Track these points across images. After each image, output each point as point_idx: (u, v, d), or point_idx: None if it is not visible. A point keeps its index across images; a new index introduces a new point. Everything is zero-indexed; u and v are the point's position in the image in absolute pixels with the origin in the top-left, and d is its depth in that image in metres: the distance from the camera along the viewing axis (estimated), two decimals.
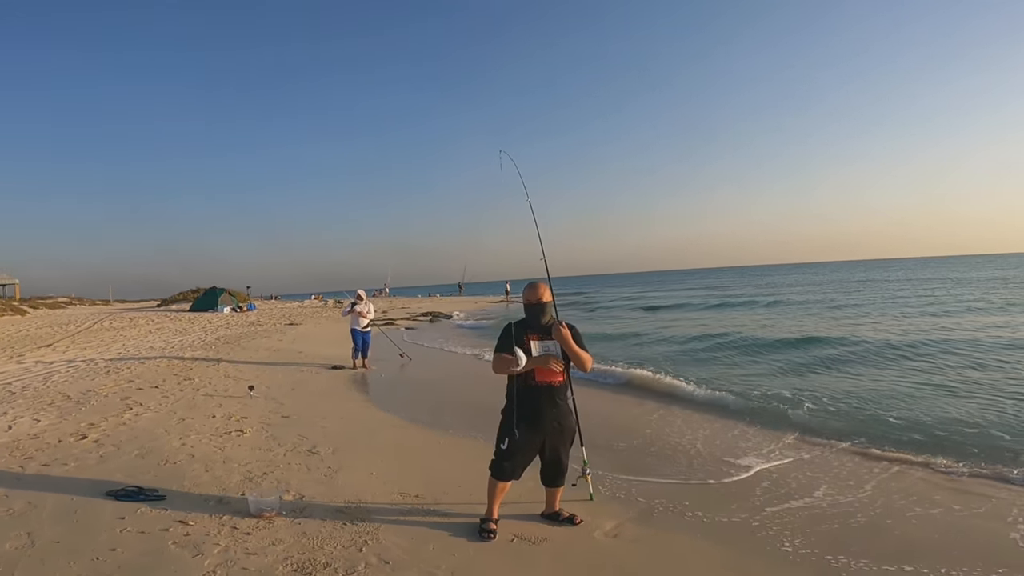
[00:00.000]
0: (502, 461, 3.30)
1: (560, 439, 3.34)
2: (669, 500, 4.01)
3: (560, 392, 3.33)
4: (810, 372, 9.40)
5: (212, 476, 4.35)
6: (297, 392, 8.06)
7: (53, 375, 9.30)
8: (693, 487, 4.30)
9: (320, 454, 5.07)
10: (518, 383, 3.25)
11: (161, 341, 15.71)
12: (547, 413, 3.24)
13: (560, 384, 3.32)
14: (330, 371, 10.07)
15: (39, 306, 39.84)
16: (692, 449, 5.29)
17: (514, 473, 3.31)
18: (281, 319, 24.00)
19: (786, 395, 7.37)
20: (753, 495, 4.09)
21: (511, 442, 3.25)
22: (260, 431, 5.81)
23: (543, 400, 3.24)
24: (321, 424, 6.16)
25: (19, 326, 21.59)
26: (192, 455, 4.87)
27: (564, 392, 3.37)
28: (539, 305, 3.33)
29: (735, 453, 5.13)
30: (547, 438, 3.29)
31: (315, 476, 4.47)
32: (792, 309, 22.47)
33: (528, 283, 3.40)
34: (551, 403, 3.26)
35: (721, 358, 11.40)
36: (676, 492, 4.17)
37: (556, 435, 3.31)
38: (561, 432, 3.33)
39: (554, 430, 3.29)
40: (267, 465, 4.70)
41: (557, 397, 3.30)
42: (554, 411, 3.27)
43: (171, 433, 5.57)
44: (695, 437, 5.69)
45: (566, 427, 3.36)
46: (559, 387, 3.31)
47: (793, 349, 11.79)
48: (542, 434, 3.28)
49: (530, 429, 3.25)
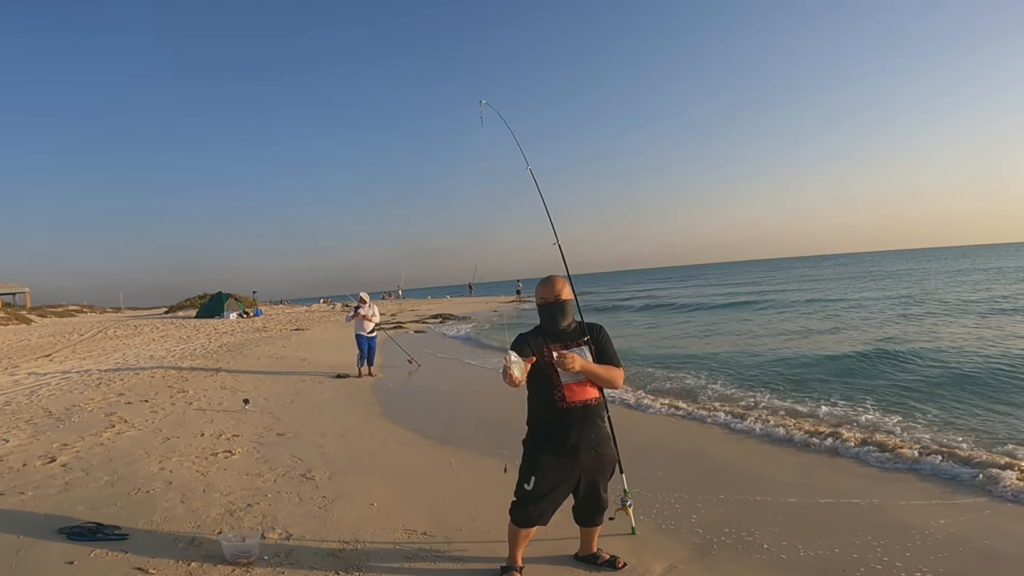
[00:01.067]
0: (527, 505, 2.67)
1: (600, 471, 2.74)
2: (733, 527, 3.40)
3: (599, 412, 2.73)
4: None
5: (188, 509, 3.83)
6: (296, 405, 7.56)
7: (41, 388, 8.92)
8: (764, 507, 3.67)
9: (315, 480, 4.53)
10: (545, 404, 2.65)
11: (163, 350, 15.39)
12: (584, 441, 2.63)
13: (598, 402, 2.72)
14: (334, 380, 9.57)
15: (48, 314, 40.17)
16: (752, 462, 4.65)
17: (541, 518, 2.70)
18: (287, 324, 23.68)
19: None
20: (852, 518, 3.45)
21: (539, 482, 2.63)
22: (251, 451, 5.29)
23: (578, 424, 2.62)
24: (319, 443, 5.63)
25: (22, 336, 21.51)
26: (170, 482, 4.36)
27: (603, 411, 2.78)
28: (557, 304, 2.70)
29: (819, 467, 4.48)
30: (584, 472, 2.69)
31: (307, 508, 3.93)
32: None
33: (542, 279, 2.79)
34: (589, 427, 2.65)
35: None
36: (741, 515, 3.55)
37: (595, 467, 2.71)
38: (601, 463, 2.73)
39: (592, 461, 2.68)
40: (253, 494, 4.17)
41: (596, 419, 2.70)
42: (593, 437, 2.66)
43: (151, 455, 5.07)
44: (751, 449, 5.05)
45: (606, 456, 2.75)
46: (597, 406, 2.70)
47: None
48: (578, 468, 2.66)
49: (563, 463, 2.64)
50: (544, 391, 2.63)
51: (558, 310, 2.70)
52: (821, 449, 5.08)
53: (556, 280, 2.75)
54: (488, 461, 5.03)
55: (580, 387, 2.64)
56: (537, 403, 2.69)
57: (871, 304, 20.09)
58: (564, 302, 2.72)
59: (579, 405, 2.62)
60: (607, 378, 2.68)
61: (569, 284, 2.83)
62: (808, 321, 16.69)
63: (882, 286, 29.53)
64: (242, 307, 31.13)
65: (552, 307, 2.71)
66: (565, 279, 2.83)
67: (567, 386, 2.62)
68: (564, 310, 2.72)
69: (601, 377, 2.65)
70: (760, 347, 12.11)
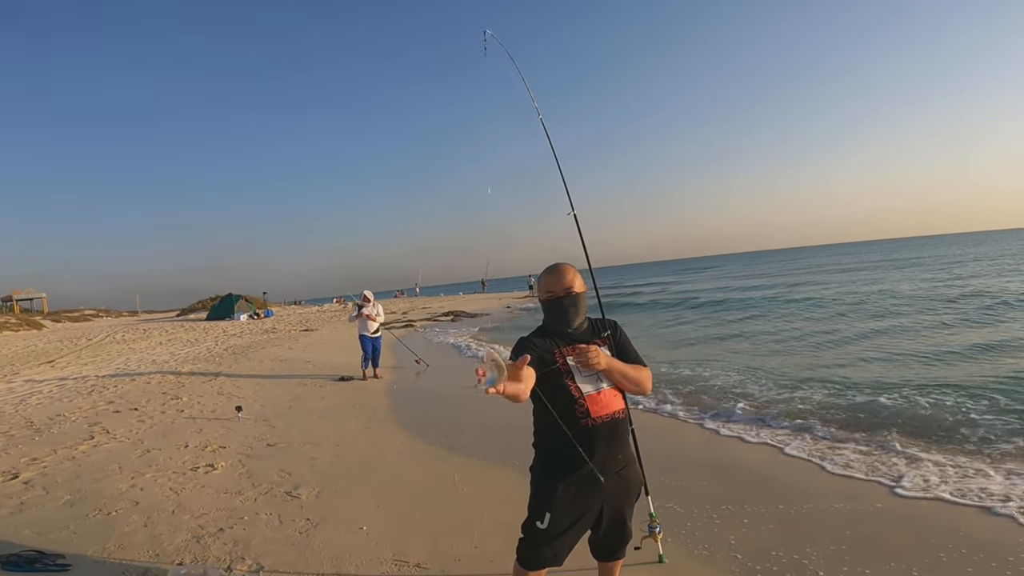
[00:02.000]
0: (539, 545, 2.14)
1: (626, 497, 2.23)
2: (781, 549, 2.88)
3: (626, 427, 2.22)
4: None
5: (149, 534, 3.42)
6: (294, 411, 7.16)
7: (32, 396, 8.67)
8: (814, 522, 3.13)
9: (301, 498, 4.10)
10: (562, 423, 2.10)
11: (167, 354, 15.21)
12: (609, 465, 2.12)
13: (625, 415, 2.20)
14: (336, 383, 9.18)
15: (62, 319, 40.72)
16: (791, 470, 4.11)
17: (556, 559, 2.17)
18: (297, 325, 23.49)
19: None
20: (930, 527, 2.91)
21: (555, 519, 2.11)
22: (235, 465, 4.89)
23: (604, 445, 2.09)
24: (311, 454, 5.21)
25: (30, 341, 21.62)
26: (136, 502, 3.96)
27: (629, 426, 2.27)
28: (568, 299, 2.18)
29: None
30: (607, 501, 2.18)
31: (286, 533, 3.49)
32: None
33: (547, 268, 2.25)
34: (616, 447, 2.14)
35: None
36: (789, 533, 3.02)
37: (620, 494, 2.20)
38: (627, 488, 2.22)
39: (617, 487, 2.17)
40: (228, 516, 3.75)
41: (624, 435, 2.19)
42: (619, 458, 2.15)
43: (124, 470, 4.69)
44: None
45: (632, 479, 2.24)
46: (624, 419, 2.19)
47: None
48: (600, 498, 2.15)
49: (584, 494, 2.12)
50: (561, 407, 2.09)
51: (569, 305, 2.17)
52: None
53: (565, 268, 2.22)
54: (496, 473, 4.56)
55: (605, 398, 2.12)
56: (550, 422, 2.14)
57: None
58: (576, 296, 2.18)
59: (605, 421, 2.10)
60: (637, 379, 2.17)
61: (581, 274, 2.28)
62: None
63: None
64: (253, 308, 31.10)
65: (561, 302, 2.17)
66: (575, 268, 2.28)
67: (591, 398, 2.09)
68: (576, 305, 2.19)
69: (631, 378, 2.14)
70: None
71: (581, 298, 2.22)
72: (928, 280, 23.22)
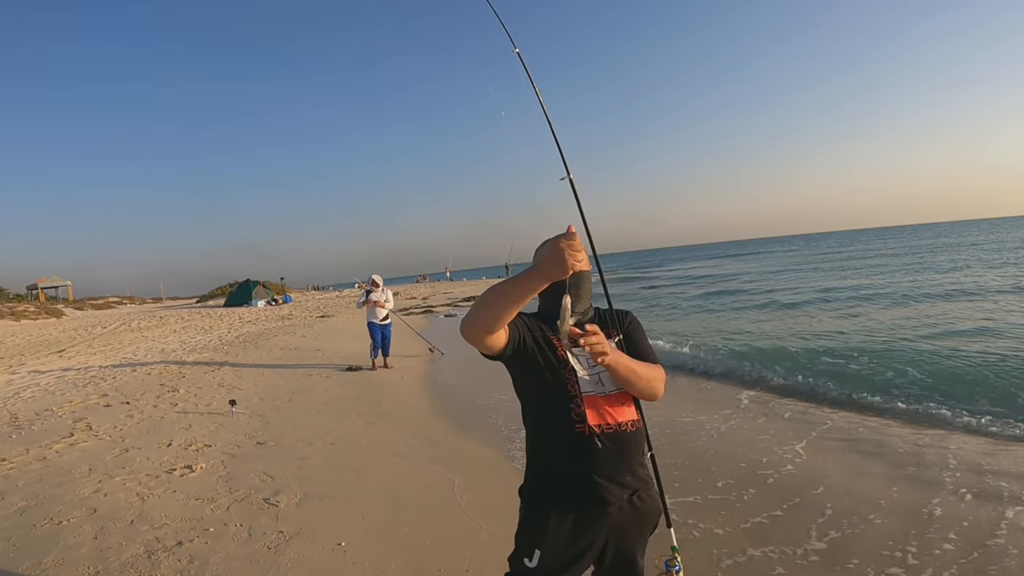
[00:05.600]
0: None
1: (637, 531, 1.80)
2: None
3: (639, 443, 1.79)
4: None
5: (96, 548, 3.20)
6: (293, 404, 6.97)
7: (28, 389, 8.76)
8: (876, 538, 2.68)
9: (279, 506, 3.84)
10: (553, 430, 1.73)
11: (177, 342, 15.41)
12: (613, 488, 1.71)
13: (638, 428, 1.78)
14: (343, 374, 8.99)
15: (85, 307, 42.28)
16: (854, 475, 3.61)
17: None
18: (315, 311, 23.65)
19: None
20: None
21: (546, 557, 1.71)
22: (216, 467, 4.68)
23: (608, 462, 1.69)
24: (301, 455, 4.97)
25: (45, 330, 22.36)
26: (95, 509, 3.76)
27: (643, 441, 1.84)
28: (570, 277, 1.72)
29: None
30: (613, 535, 1.76)
31: (252, 549, 3.23)
32: None
33: (544, 241, 1.72)
34: (624, 466, 1.72)
35: None
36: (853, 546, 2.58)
37: (630, 527, 1.77)
38: (639, 520, 1.78)
39: (626, 519, 1.75)
40: (192, 527, 3.51)
41: (633, 454, 1.76)
42: (628, 479, 1.73)
43: (94, 472, 4.53)
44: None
45: (647, 509, 1.80)
46: (636, 433, 1.77)
47: None
48: (605, 531, 1.74)
49: (583, 526, 1.72)
50: (552, 408, 1.72)
51: (571, 286, 1.68)
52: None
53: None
54: (501, 479, 4.23)
55: (609, 403, 1.72)
56: (540, 428, 1.78)
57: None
58: (579, 274, 1.71)
59: (609, 432, 1.69)
60: (648, 379, 1.74)
61: (586, 249, 1.85)
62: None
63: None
64: (271, 295, 31.57)
65: (561, 282, 1.73)
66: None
67: (590, 400, 1.70)
68: (579, 286, 1.79)
69: (640, 377, 1.71)
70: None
71: (585, 277, 1.82)
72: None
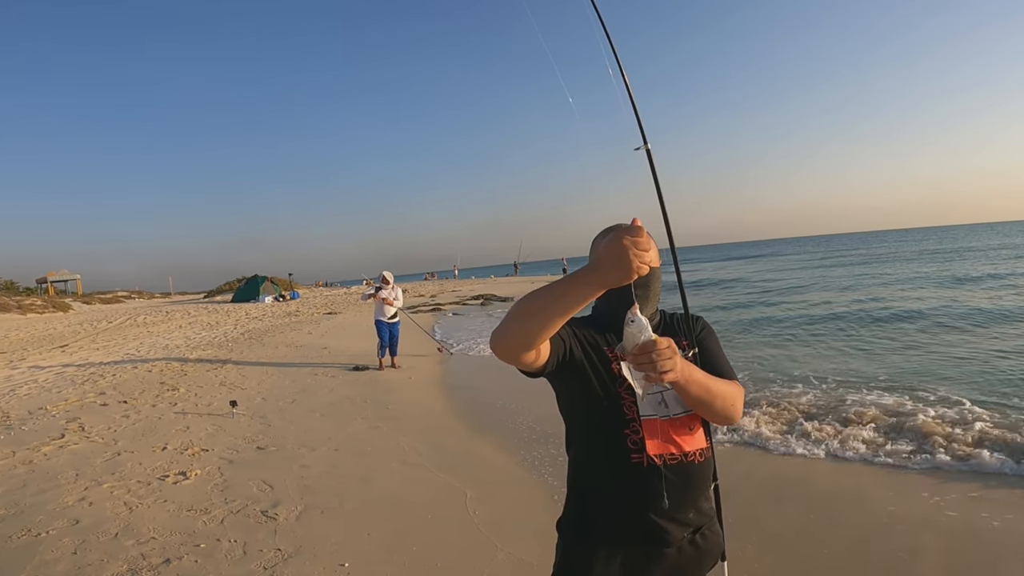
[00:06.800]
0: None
1: (697, 570, 1.48)
2: None
3: (705, 476, 1.46)
4: None
5: (73, 565, 2.95)
6: (296, 406, 6.73)
7: (24, 386, 8.59)
8: None
9: (278, 519, 3.58)
10: (601, 457, 1.42)
11: (181, 338, 15.26)
12: (673, 528, 1.40)
13: (706, 457, 1.46)
14: (350, 373, 8.74)
15: (93, 301, 42.42)
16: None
17: None
18: (322, 308, 23.50)
19: None
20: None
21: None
22: (212, 474, 4.43)
23: (672, 498, 1.38)
24: (303, 461, 4.71)
25: (51, 324, 22.35)
26: (77, 520, 3.52)
27: (710, 474, 1.50)
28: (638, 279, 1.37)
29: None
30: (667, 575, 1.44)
31: (247, 569, 2.96)
32: None
33: (605, 230, 1.45)
34: (688, 501, 1.41)
35: None
36: None
37: (689, 565, 1.45)
38: (699, 560, 1.46)
39: (686, 560, 1.44)
40: (183, 542, 3.25)
41: (699, 489, 1.44)
42: (691, 516, 1.42)
43: (81, 478, 4.29)
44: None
45: (708, 548, 1.48)
46: (704, 464, 1.44)
47: None
48: (660, 572, 1.42)
49: (630, 567, 1.41)
50: (603, 434, 1.41)
51: (638, 287, 1.35)
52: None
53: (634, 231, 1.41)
54: (518, 491, 3.95)
55: (674, 428, 1.40)
56: (588, 457, 1.46)
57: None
58: (651, 273, 1.28)
59: (673, 463, 1.38)
60: (725, 398, 1.39)
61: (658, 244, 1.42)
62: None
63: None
64: (278, 290, 31.50)
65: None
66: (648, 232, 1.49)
67: (649, 425, 1.38)
68: (648, 287, 1.46)
69: (716, 396, 1.37)
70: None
71: (655, 276, 1.47)
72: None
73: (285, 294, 31.43)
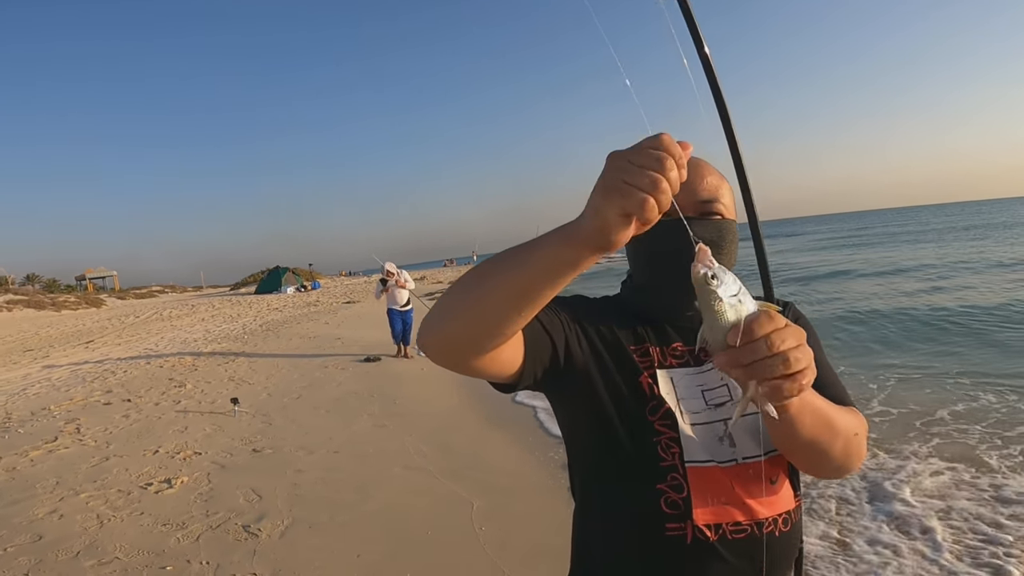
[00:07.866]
0: None
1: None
2: None
3: (789, 550, 0.92)
4: None
5: None
6: (301, 401, 6.42)
7: (38, 384, 8.50)
8: None
9: (260, 536, 3.22)
10: (619, 523, 0.88)
11: (201, 331, 15.24)
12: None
13: (791, 528, 0.90)
14: (361, 365, 8.43)
15: (127, 296, 43.37)
16: None
17: None
18: (341, 297, 23.44)
19: None
20: None
21: None
22: (200, 480, 4.11)
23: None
24: (299, 466, 4.36)
25: (82, 320, 22.71)
26: (40, 535, 3.22)
27: (796, 545, 0.94)
28: (707, 223, 0.91)
29: None
30: None
31: None
32: None
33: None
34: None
35: None
36: None
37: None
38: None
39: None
40: (148, 563, 2.92)
41: (779, 568, 0.90)
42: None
43: (60, 486, 4.01)
44: None
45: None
46: (786, 537, 0.89)
47: None
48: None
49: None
50: (622, 488, 0.89)
51: (705, 238, 0.85)
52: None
53: (702, 164, 0.94)
54: (531, 503, 3.52)
55: (743, 480, 0.86)
56: (599, 519, 0.92)
57: None
58: (721, 222, 0.93)
59: (739, 536, 0.84)
60: (848, 433, 0.84)
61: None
62: None
63: None
64: (300, 281, 31.63)
65: (691, 225, 0.76)
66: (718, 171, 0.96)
67: (699, 475, 0.85)
68: (723, 238, 0.92)
69: (838, 432, 0.82)
70: None
71: (730, 228, 0.94)
72: None
73: (307, 284, 31.56)
